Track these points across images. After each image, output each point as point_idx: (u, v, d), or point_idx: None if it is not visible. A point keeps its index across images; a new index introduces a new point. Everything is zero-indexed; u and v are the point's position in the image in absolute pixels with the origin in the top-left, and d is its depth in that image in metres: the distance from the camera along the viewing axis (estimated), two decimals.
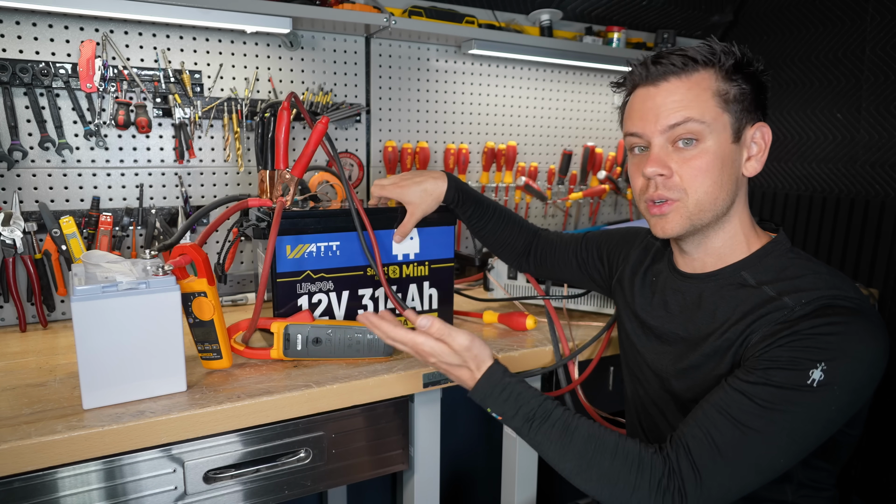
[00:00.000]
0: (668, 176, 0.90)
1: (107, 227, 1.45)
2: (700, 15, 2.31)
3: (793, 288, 0.85)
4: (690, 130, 0.87)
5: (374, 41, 1.79)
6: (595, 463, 0.82)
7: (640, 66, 0.92)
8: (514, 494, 1.38)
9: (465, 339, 0.90)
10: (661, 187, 0.90)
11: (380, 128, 1.85)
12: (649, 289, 1.07)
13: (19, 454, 0.86)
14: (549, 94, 2.15)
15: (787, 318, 0.82)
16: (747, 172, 0.92)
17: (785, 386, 0.77)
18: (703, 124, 0.87)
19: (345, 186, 1.19)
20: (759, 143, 0.92)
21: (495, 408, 0.90)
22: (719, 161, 0.88)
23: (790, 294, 0.85)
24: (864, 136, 2.00)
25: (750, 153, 0.92)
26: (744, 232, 0.94)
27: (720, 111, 0.88)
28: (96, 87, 1.42)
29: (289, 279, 1.19)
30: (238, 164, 1.63)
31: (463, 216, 1.29)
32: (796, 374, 0.77)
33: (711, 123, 0.87)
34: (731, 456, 0.78)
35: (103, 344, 0.95)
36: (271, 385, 1.06)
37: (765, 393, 0.78)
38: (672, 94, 0.89)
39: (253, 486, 1.07)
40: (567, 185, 2.22)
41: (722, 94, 0.88)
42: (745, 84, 0.89)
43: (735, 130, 0.89)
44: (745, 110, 0.89)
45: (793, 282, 0.86)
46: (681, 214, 0.90)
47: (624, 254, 1.18)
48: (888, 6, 1.92)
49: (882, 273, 1.94)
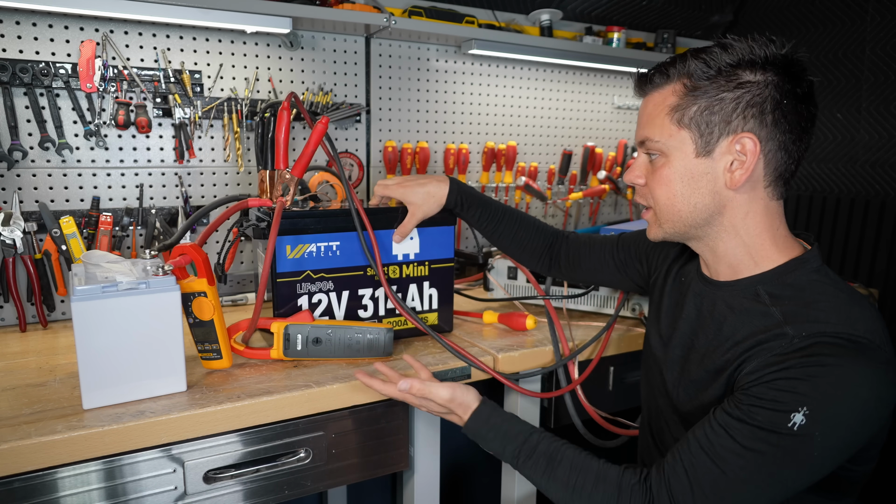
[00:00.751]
0: (641, 184, 0.95)
1: (107, 227, 1.45)
2: (700, 15, 2.31)
3: (801, 316, 0.82)
4: (650, 148, 0.92)
5: (374, 41, 1.79)
6: (578, 491, 0.87)
7: (639, 77, 0.95)
8: (513, 494, 1.38)
9: (446, 393, 1.02)
10: (637, 194, 0.98)
11: (380, 128, 1.85)
12: (678, 289, 1.06)
13: (19, 454, 0.86)
14: (549, 94, 2.15)
15: (783, 351, 0.79)
16: (729, 185, 0.87)
17: (765, 427, 0.75)
18: (658, 142, 0.90)
19: (345, 186, 1.19)
20: (740, 155, 0.85)
21: (486, 446, 1.00)
22: (679, 174, 0.89)
23: (794, 323, 0.81)
24: (864, 136, 2.00)
25: (729, 166, 0.86)
26: (749, 246, 0.90)
27: (676, 128, 0.88)
28: (96, 87, 1.42)
29: (289, 279, 1.19)
30: (238, 164, 1.63)
31: (471, 220, 1.28)
32: (778, 416, 0.75)
33: (667, 140, 0.88)
34: (710, 494, 0.78)
35: (103, 344, 0.95)
36: (271, 385, 1.06)
37: (746, 431, 0.77)
38: (645, 108, 0.93)
39: (253, 486, 1.07)
40: (567, 185, 2.22)
41: (679, 108, 0.87)
42: (725, 92, 0.84)
43: (701, 145, 0.86)
44: (723, 121, 0.84)
45: (805, 308, 0.82)
46: (654, 223, 0.96)
47: (665, 252, 1.15)
48: (888, 6, 1.92)
49: (882, 273, 1.94)
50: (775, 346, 0.81)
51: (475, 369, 1.20)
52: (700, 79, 0.85)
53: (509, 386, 1.22)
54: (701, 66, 0.85)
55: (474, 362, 1.18)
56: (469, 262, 1.86)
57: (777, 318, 0.84)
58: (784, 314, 0.84)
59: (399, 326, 1.30)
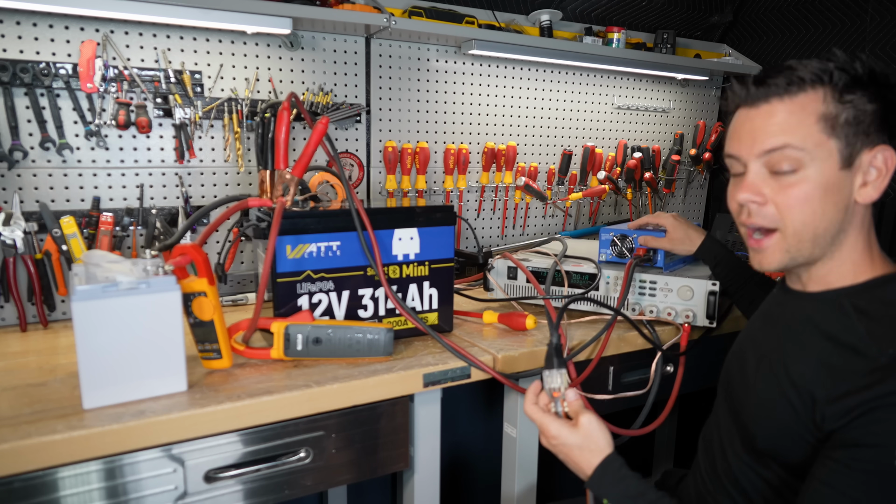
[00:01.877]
0: (761, 203, 0.85)
1: (107, 227, 1.45)
2: (700, 15, 2.31)
3: (887, 335, 0.77)
4: (789, 157, 0.81)
5: (374, 41, 1.79)
6: None
7: (741, 86, 0.86)
8: (513, 494, 1.38)
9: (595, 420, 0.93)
10: (754, 214, 0.86)
11: (380, 128, 1.85)
12: None
13: (19, 454, 0.86)
14: (549, 94, 2.15)
15: (867, 369, 0.75)
16: (861, 199, 0.83)
17: (872, 471, 0.72)
18: (803, 151, 0.81)
19: (345, 186, 1.19)
20: (880, 168, 0.83)
21: (611, 499, 0.88)
22: (821, 190, 0.81)
23: (879, 339, 0.77)
24: None
25: (867, 179, 0.83)
26: (853, 260, 0.87)
27: (825, 137, 0.81)
28: (97, 88, 1.42)
29: (289, 279, 1.19)
30: (238, 164, 1.63)
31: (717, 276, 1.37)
32: (883, 452, 0.71)
33: (813, 150, 0.80)
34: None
35: (103, 344, 0.95)
36: (271, 385, 1.06)
37: (852, 482, 0.73)
38: (772, 116, 0.83)
39: (253, 486, 1.07)
40: (567, 185, 2.22)
41: (830, 117, 0.80)
42: (868, 104, 0.81)
43: (845, 157, 0.81)
44: (864, 133, 0.81)
45: (892, 321, 0.79)
46: (780, 248, 0.85)
47: None
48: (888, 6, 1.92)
49: None
50: (855, 366, 0.77)
51: (475, 369, 1.20)
52: (847, 87, 0.81)
53: (509, 386, 1.22)
54: (843, 75, 0.81)
55: (474, 362, 1.18)
56: (469, 262, 1.87)
57: (859, 334, 0.79)
58: (866, 327, 0.80)
59: (399, 326, 1.30)
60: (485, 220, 2.10)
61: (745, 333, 1.03)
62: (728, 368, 1.02)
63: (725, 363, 1.05)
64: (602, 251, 1.51)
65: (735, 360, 1.00)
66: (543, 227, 2.23)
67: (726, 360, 1.05)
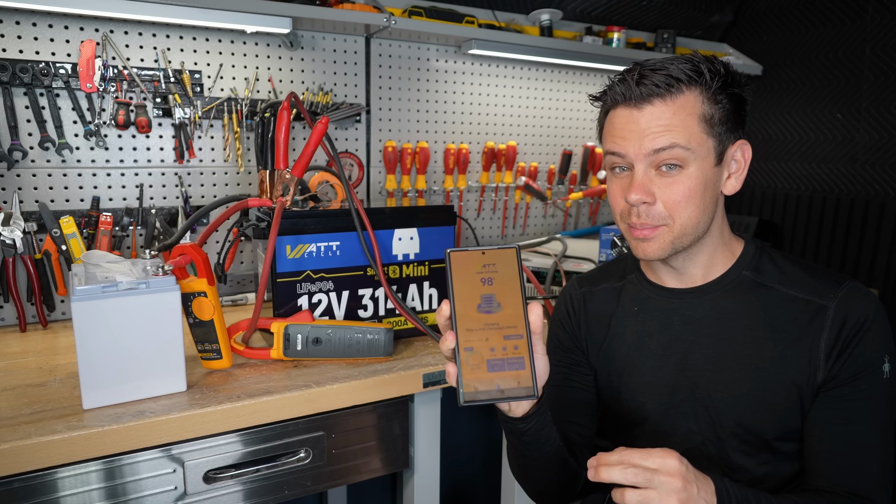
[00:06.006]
0: (651, 203, 0.87)
1: (107, 227, 1.45)
2: (700, 15, 2.31)
3: (811, 281, 0.90)
4: (675, 156, 0.84)
5: (374, 41, 1.79)
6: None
7: (621, 84, 0.87)
8: (514, 494, 1.38)
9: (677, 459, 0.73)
10: (643, 215, 0.87)
11: (380, 128, 1.85)
12: (635, 318, 0.99)
13: (19, 454, 0.86)
14: (549, 94, 2.15)
15: (827, 320, 0.86)
16: (727, 191, 0.91)
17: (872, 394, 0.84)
18: (688, 150, 0.84)
19: (345, 186, 1.19)
20: (740, 161, 0.91)
21: None
22: (702, 186, 0.86)
23: (813, 291, 0.89)
24: (864, 136, 2.00)
25: (730, 171, 0.91)
26: (724, 242, 0.95)
27: (705, 136, 0.85)
28: (96, 87, 1.42)
29: (289, 279, 1.19)
30: (238, 164, 1.63)
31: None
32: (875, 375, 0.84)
33: (696, 149, 0.85)
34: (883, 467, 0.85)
35: (103, 344, 0.95)
36: (271, 385, 1.06)
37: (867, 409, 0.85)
38: (657, 117, 0.85)
39: (253, 486, 1.07)
40: (567, 185, 2.22)
41: (707, 118, 0.85)
42: (728, 103, 0.87)
43: (718, 153, 0.87)
44: (729, 130, 0.87)
45: (801, 281, 0.91)
46: (664, 240, 0.88)
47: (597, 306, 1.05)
48: (888, 6, 1.92)
49: (882, 273, 1.94)
50: (822, 321, 0.87)
51: None
52: (717, 87, 0.85)
53: None
54: (712, 74, 0.85)
55: None
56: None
57: (798, 295, 0.89)
58: (801, 289, 0.90)
59: (399, 326, 1.30)
60: (485, 220, 2.10)
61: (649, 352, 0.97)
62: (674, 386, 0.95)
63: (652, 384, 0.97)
64: (602, 251, 1.51)
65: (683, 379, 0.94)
66: (543, 227, 2.23)
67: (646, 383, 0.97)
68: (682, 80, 0.84)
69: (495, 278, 0.73)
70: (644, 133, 0.85)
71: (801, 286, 0.90)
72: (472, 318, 0.71)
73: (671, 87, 0.84)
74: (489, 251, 0.73)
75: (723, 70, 0.86)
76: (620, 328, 1.00)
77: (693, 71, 0.85)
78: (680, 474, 0.72)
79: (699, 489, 0.74)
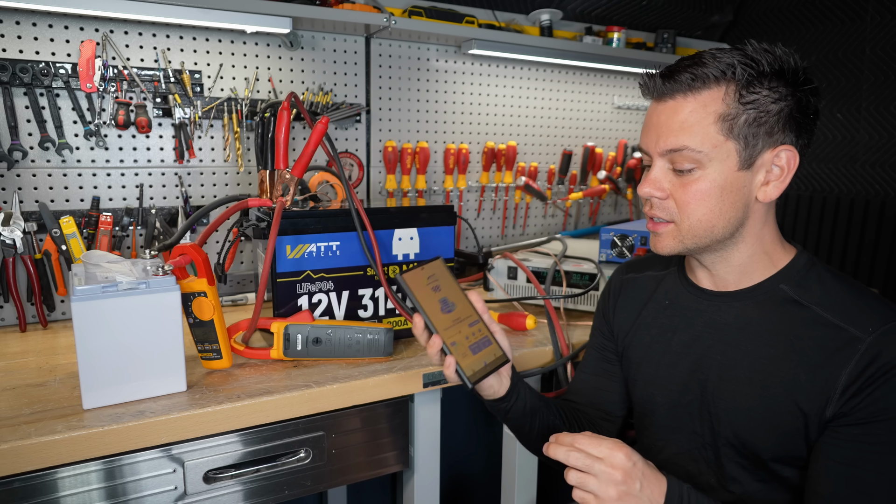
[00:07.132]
0: (662, 198, 0.87)
1: (107, 227, 1.45)
2: (700, 15, 2.31)
3: (851, 310, 0.82)
4: (688, 157, 0.82)
5: (374, 41, 1.79)
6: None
7: (650, 79, 0.86)
8: (514, 494, 1.38)
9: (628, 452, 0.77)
10: (655, 207, 0.88)
11: (380, 128, 1.85)
12: (664, 314, 0.99)
13: (19, 454, 0.86)
14: (549, 94, 2.15)
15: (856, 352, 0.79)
16: (762, 198, 0.85)
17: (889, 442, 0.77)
18: (700, 153, 0.81)
19: (345, 186, 1.19)
20: (783, 167, 0.84)
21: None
22: (718, 189, 0.83)
23: (850, 320, 0.81)
24: (864, 136, 2.00)
25: (769, 178, 0.84)
26: (764, 250, 0.89)
27: (723, 138, 0.81)
28: (96, 87, 1.42)
29: (289, 279, 1.19)
30: (238, 164, 1.63)
31: None
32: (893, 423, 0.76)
33: (711, 151, 0.81)
34: None
35: (103, 344, 0.95)
36: (271, 385, 1.06)
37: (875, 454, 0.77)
38: (674, 114, 0.83)
39: (253, 486, 1.07)
40: (567, 185, 2.22)
41: (728, 118, 0.80)
42: (772, 103, 0.80)
43: (745, 158, 0.82)
44: (766, 133, 0.81)
45: (849, 302, 0.83)
46: (673, 237, 0.88)
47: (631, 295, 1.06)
48: (888, 6, 1.92)
49: (882, 273, 1.94)
50: (851, 353, 0.79)
51: None
52: (750, 86, 0.80)
53: None
54: (749, 71, 0.79)
55: None
56: (469, 262, 1.86)
57: (831, 321, 0.82)
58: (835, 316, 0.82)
59: (399, 326, 1.30)
60: (485, 220, 2.10)
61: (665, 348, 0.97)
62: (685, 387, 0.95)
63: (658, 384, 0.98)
64: (602, 251, 1.51)
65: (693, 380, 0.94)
66: (543, 227, 2.23)
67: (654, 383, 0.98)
68: (709, 75, 0.80)
69: (440, 285, 0.89)
70: (660, 130, 0.84)
71: (841, 312, 0.82)
72: (442, 320, 0.87)
73: (694, 83, 0.81)
74: (426, 265, 0.89)
75: (766, 65, 0.80)
76: (649, 318, 1.02)
77: (726, 64, 0.80)
78: (622, 467, 0.76)
79: (643, 486, 0.76)
